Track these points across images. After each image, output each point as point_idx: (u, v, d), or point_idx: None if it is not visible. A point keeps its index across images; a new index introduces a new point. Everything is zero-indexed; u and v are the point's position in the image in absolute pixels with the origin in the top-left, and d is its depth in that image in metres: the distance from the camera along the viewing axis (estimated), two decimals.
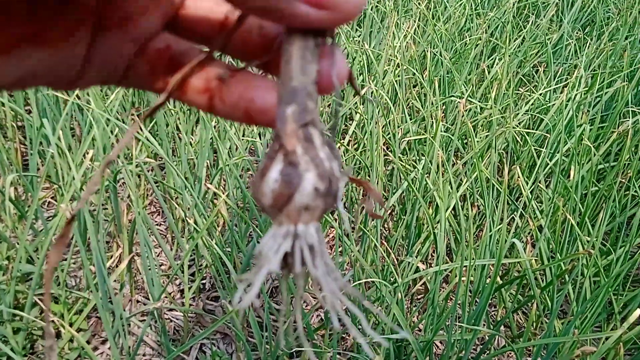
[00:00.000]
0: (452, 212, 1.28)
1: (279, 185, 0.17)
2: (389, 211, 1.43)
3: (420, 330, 1.18)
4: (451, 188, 1.19)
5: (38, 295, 1.06)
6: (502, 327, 1.27)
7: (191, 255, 1.29)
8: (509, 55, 1.90)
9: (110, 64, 0.21)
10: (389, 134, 1.42)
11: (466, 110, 1.61)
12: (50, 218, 1.30)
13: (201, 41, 0.22)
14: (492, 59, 1.95)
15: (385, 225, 1.44)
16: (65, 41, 0.19)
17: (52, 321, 1.02)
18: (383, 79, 1.59)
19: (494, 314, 1.29)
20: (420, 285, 1.28)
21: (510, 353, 1.20)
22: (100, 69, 0.21)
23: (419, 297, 1.29)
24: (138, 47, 0.21)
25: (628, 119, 1.63)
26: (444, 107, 1.66)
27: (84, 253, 0.94)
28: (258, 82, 0.21)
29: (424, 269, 1.10)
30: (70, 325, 1.07)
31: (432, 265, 1.34)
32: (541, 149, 1.52)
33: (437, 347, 1.24)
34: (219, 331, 1.18)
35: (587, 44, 2.11)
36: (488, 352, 1.16)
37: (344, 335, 1.16)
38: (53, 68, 0.20)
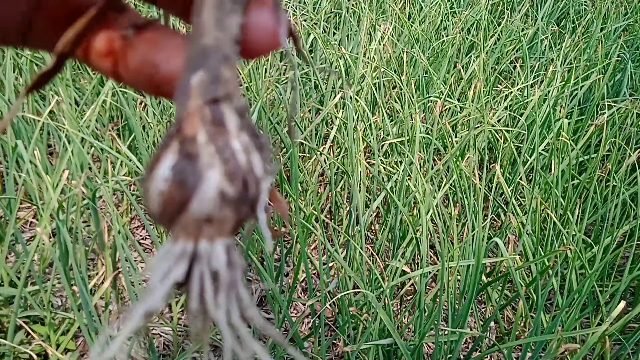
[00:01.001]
0: (438, 211, 1.28)
1: (169, 186, 0.13)
2: (374, 214, 1.43)
3: (410, 330, 1.19)
4: (432, 189, 1.19)
5: (22, 318, 1.04)
6: (492, 323, 1.28)
7: None
8: (486, 53, 1.91)
9: (2, 21, 0.17)
10: (369, 136, 1.43)
11: (445, 110, 1.62)
12: (32, 239, 1.28)
13: None
14: (469, 57, 1.96)
15: (372, 228, 1.44)
16: None
17: (39, 344, 1.01)
18: (362, 82, 1.59)
19: (484, 311, 1.30)
20: (410, 286, 1.29)
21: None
22: None
23: (408, 297, 1.30)
24: None
25: (605, 111, 1.65)
26: (423, 107, 1.67)
27: (63, 274, 0.92)
28: (166, 41, 0.16)
29: (409, 272, 1.10)
30: (58, 346, 1.06)
31: (420, 265, 1.35)
32: (521, 145, 1.53)
33: (429, 347, 1.24)
34: (210, 344, 1.17)
35: (563, 38, 2.14)
36: (479, 349, 1.17)
37: (334, 342, 1.16)
38: None
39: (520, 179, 1.39)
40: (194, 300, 0.13)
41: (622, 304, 0.84)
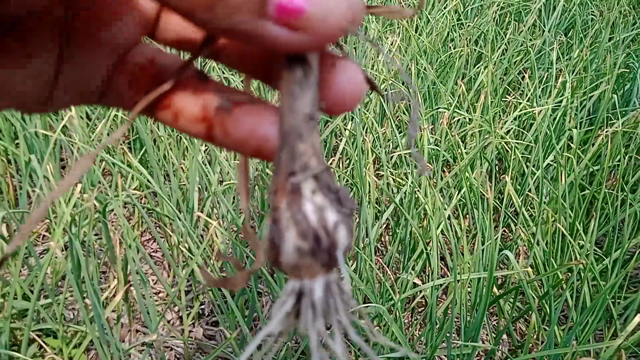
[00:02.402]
0: (448, 223, 1.28)
1: (268, 244, 0.17)
2: (384, 226, 1.43)
3: (422, 343, 1.18)
4: (442, 201, 1.19)
5: (35, 331, 1.05)
6: (504, 336, 1.27)
7: (189, 281, 1.29)
8: (494, 64, 1.91)
9: (85, 81, 0.18)
10: (378, 148, 1.43)
11: (454, 122, 1.62)
12: (44, 252, 1.29)
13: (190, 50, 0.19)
14: (477, 68, 1.96)
15: (382, 240, 1.44)
16: (29, 59, 0.17)
17: (51, 357, 1.01)
18: (370, 94, 1.60)
19: (496, 324, 1.29)
20: (421, 298, 1.28)
21: None
22: (73, 87, 0.18)
23: (420, 309, 1.29)
24: (115, 60, 0.19)
25: (615, 121, 1.64)
26: (431, 118, 1.67)
27: (76, 287, 0.93)
28: (269, 115, 0.18)
29: (420, 285, 1.10)
30: (70, 359, 1.06)
31: (430, 277, 1.34)
32: (530, 157, 1.52)
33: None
34: (220, 356, 1.17)
35: (571, 48, 2.13)
36: None
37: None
38: (18, 89, 0.17)
39: (529, 190, 1.38)
40: (302, 328, 0.16)
41: (638, 317, 0.83)
